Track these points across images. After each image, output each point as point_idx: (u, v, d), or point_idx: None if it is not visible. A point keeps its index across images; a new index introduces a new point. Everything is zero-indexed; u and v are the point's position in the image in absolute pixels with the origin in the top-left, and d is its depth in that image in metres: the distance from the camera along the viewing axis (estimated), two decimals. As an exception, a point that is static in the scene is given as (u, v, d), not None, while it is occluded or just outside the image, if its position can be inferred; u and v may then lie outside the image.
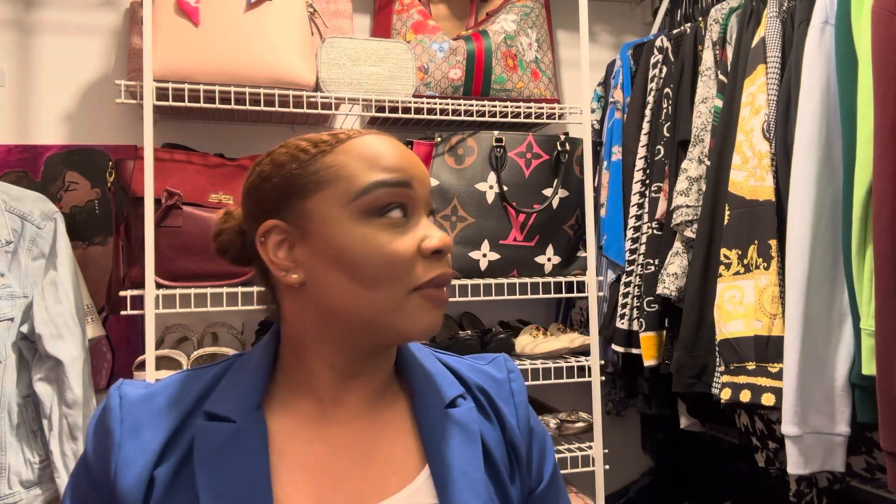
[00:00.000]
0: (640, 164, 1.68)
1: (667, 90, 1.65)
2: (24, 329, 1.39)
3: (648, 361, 1.56)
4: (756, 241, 1.30)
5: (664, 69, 1.68)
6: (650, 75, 1.71)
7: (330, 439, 0.62)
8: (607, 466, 1.63)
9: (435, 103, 1.66)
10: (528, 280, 1.67)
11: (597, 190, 1.80)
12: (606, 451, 1.63)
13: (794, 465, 1.19)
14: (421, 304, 0.59)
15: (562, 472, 1.22)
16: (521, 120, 1.72)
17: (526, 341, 1.70)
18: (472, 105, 1.67)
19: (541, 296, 1.69)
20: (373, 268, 0.58)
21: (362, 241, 0.58)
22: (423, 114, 1.71)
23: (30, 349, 1.41)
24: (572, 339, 1.67)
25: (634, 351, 1.61)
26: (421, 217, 0.62)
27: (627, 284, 1.67)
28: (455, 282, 1.63)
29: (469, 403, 0.68)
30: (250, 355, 0.66)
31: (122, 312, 1.39)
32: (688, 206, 1.49)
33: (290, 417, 0.63)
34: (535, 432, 0.73)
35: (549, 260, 1.70)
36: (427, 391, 0.67)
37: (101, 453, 0.60)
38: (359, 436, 0.63)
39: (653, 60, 1.71)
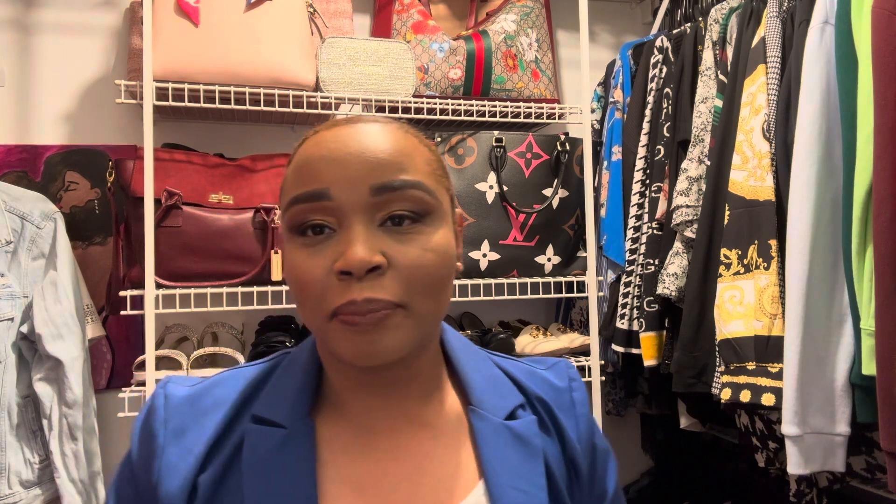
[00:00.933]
0: (640, 164, 1.68)
1: (667, 90, 1.65)
2: (24, 329, 1.39)
3: (648, 361, 1.55)
4: (756, 241, 1.30)
5: (664, 69, 1.68)
6: (650, 75, 1.71)
7: (378, 452, 0.58)
8: (607, 466, 1.62)
9: (435, 103, 1.66)
10: (528, 280, 1.67)
11: (597, 190, 1.80)
12: (606, 451, 1.63)
13: (794, 465, 1.19)
14: (340, 329, 0.52)
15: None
16: (521, 120, 1.72)
17: (526, 341, 1.70)
18: (472, 105, 1.67)
19: (541, 296, 1.69)
20: (292, 289, 0.54)
21: (287, 260, 0.55)
22: (423, 114, 1.71)
23: (30, 349, 1.41)
24: (572, 339, 1.67)
25: (634, 351, 1.61)
26: (353, 227, 0.52)
27: (627, 284, 1.67)
28: (455, 282, 1.63)
29: (530, 415, 0.62)
30: (297, 355, 0.62)
31: (122, 312, 1.39)
32: (688, 206, 1.49)
33: (337, 426, 0.59)
34: (598, 449, 0.66)
35: (549, 260, 1.70)
36: (483, 400, 0.61)
37: (144, 457, 0.58)
38: (408, 447, 0.59)
39: (653, 60, 1.71)
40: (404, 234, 0.53)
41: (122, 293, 1.39)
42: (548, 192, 1.70)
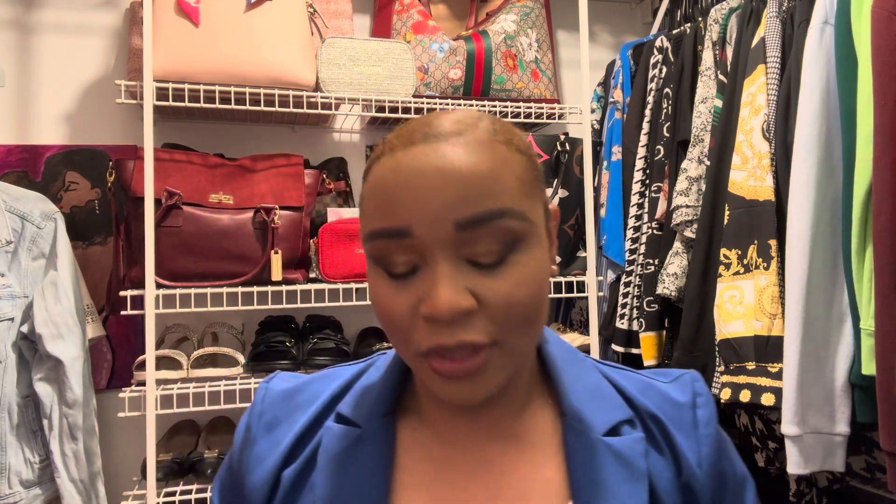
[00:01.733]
0: (639, 164, 1.68)
1: (667, 90, 1.65)
2: (25, 329, 1.39)
3: (648, 361, 1.56)
4: (756, 241, 1.30)
5: (664, 69, 1.68)
6: (650, 75, 1.71)
7: (458, 461, 0.55)
8: (607, 466, 1.62)
9: (435, 103, 1.66)
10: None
11: (597, 190, 1.80)
12: (606, 451, 1.63)
13: (794, 464, 1.19)
14: (431, 373, 0.49)
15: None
16: (521, 120, 1.72)
17: (526, 341, 1.70)
18: (472, 105, 1.67)
19: (541, 296, 1.68)
20: (379, 320, 0.51)
21: (371, 287, 0.51)
22: (423, 114, 1.71)
23: (30, 349, 1.41)
24: (572, 339, 1.67)
25: (634, 351, 1.61)
26: (437, 266, 0.47)
27: (627, 284, 1.67)
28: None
29: (636, 433, 0.55)
30: (389, 356, 0.60)
31: (122, 312, 1.39)
32: (688, 206, 1.49)
33: (418, 431, 0.57)
34: (726, 476, 0.58)
35: (549, 260, 1.70)
36: (581, 412, 0.55)
37: (239, 448, 0.59)
38: (493, 461, 0.55)
39: (653, 60, 1.71)
40: (493, 269, 0.48)
41: (122, 293, 1.39)
42: (548, 191, 1.70)
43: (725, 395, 1.30)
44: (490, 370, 0.48)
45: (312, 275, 1.59)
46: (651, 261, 1.59)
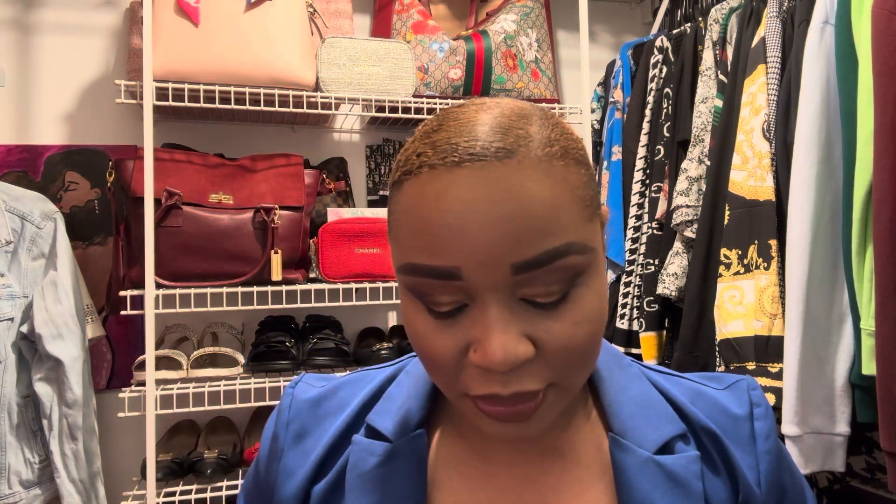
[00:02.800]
0: (640, 164, 1.68)
1: (667, 90, 1.65)
2: (24, 329, 1.39)
3: (648, 361, 1.55)
4: (756, 241, 1.30)
5: (664, 69, 1.68)
6: (650, 75, 1.71)
7: (498, 479, 0.51)
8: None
9: (435, 103, 1.66)
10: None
11: (597, 190, 1.80)
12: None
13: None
14: (476, 412, 0.44)
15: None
16: (521, 120, 1.72)
17: (526, 341, 1.70)
18: (472, 105, 1.67)
19: (541, 296, 1.68)
20: (418, 353, 0.46)
21: (408, 320, 0.46)
22: (423, 114, 1.71)
23: (30, 349, 1.41)
24: (572, 339, 1.67)
25: (634, 351, 1.61)
26: (487, 307, 0.41)
27: (627, 284, 1.67)
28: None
29: (691, 451, 0.50)
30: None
31: (122, 312, 1.39)
32: (688, 206, 1.49)
33: (455, 445, 0.53)
34: (786, 491, 0.53)
35: (549, 260, 1.70)
36: (629, 428, 0.50)
37: (268, 457, 0.57)
38: (535, 479, 0.50)
39: (653, 60, 1.71)
40: (552, 309, 0.42)
41: (122, 293, 1.39)
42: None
43: (725, 395, 1.30)
44: (544, 410, 0.44)
45: (312, 275, 1.59)
46: (651, 261, 1.59)
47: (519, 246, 0.40)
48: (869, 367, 1.08)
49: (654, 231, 1.61)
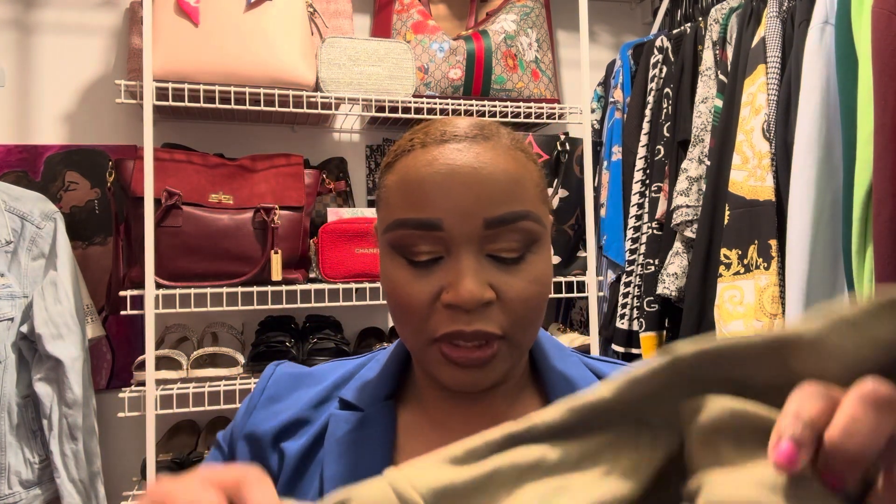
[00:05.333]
0: (640, 164, 1.67)
1: (667, 90, 1.65)
2: (24, 329, 1.39)
3: (648, 361, 1.55)
4: (756, 241, 1.30)
5: (664, 69, 1.68)
6: (650, 75, 1.71)
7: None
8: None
9: (435, 103, 1.66)
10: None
11: (597, 190, 1.80)
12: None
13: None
14: (440, 358, 0.52)
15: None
16: (521, 120, 1.72)
17: (526, 341, 1.70)
18: (472, 105, 1.67)
19: (541, 296, 1.68)
20: (392, 306, 0.54)
21: (387, 275, 0.54)
22: (423, 114, 1.71)
23: (30, 349, 1.41)
24: (572, 340, 1.67)
25: (634, 351, 1.61)
26: (461, 257, 0.51)
27: (627, 284, 1.67)
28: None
29: None
30: (391, 348, 0.64)
31: (122, 312, 1.39)
32: (688, 206, 1.49)
33: (416, 414, 0.60)
34: None
35: (549, 260, 1.70)
36: None
37: (240, 416, 0.63)
38: None
39: (653, 60, 1.71)
40: (512, 266, 0.52)
41: (122, 293, 1.39)
42: (548, 191, 1.69)
43: (726, 395, 1.30)
44: (497, 361, 0.52)
45: (312, 275, 1.59)
46: (651, 261, 1.59)
47: (491, 204, 0.51)
48: (869, 367, 1.07)
49: (654, 231, 1.61)
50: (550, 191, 1.70)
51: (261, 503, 0.32)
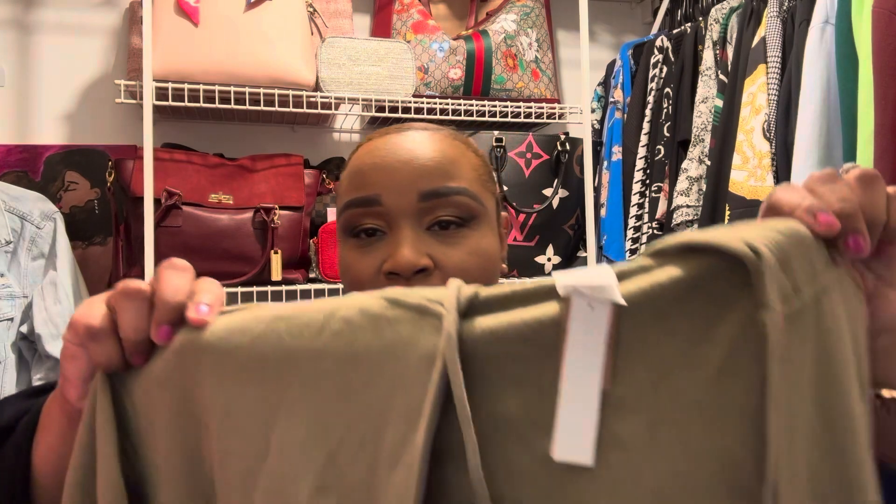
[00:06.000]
0: (640, 164, 1.67)
1: (667, 90, 1.65)
2: (24, 329, 1.39)
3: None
4: (756, 241, 1.30)
5: (664, 69, 1.68)
6: (650, 75, 1.71)
7: None
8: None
9: (435, 103, 1.66)
10: (528, 280, 1.67)
11: (597, 190, 1.80)
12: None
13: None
14: None
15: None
16: (521, 120, 1.72)
17: (526, 341, 1.70)
18: (472, 105, 1.67)
19: (541, 296, 1.68)
20: (345, 285, 0.58)
21: (341, 259, 0.59)
22: (423, 114, 1.71)
23: (29, 349, 1.41)
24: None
25: (635, 351, 1.61)
26: (400, 232, 0.55)
27: (628, 284, 1.66)
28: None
29: None
30: None
31: (122, 312, 1.39)
32: (688, 206, 1.49)
33: None
34: None
35: (549, 260, 1.70)
36: None
37: None
38: None
39: (653, 60, 1.71)
40: (450, 238, 0.56)
41: (121, 293, 1.39)
42: (548, 192, 1.70)
43: (726, 395, 1.30)
44: None
45: (312, 275, 1.59)
46: (651, 261, 1.59)
47: (425, 179, 0.56)
48: (869, 368, 1.07)
49: (655, 231, 1.61)
50: (550, 190, 1.70)
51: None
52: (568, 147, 1.71)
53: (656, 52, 1.70)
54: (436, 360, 0.35)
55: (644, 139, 1.68)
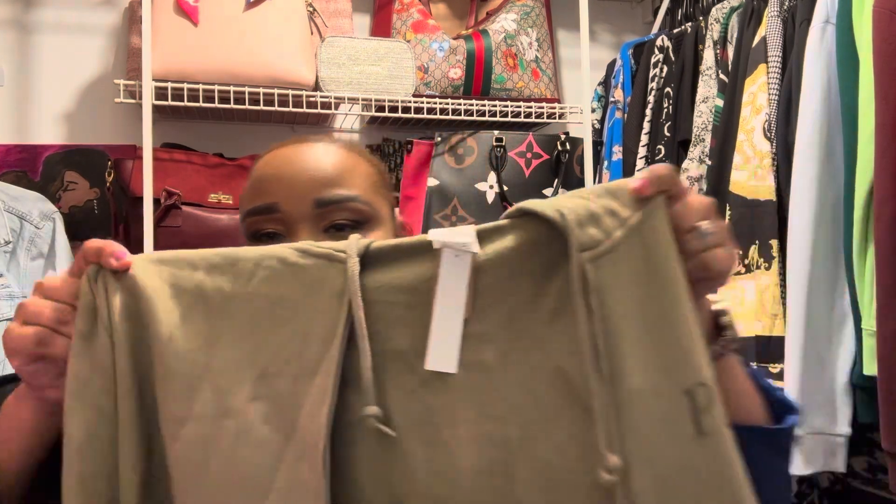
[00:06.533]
0: (640, 163, 1.67)
1: (667, 90, 1.64)
2: (23, 329, 1.39)
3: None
4: (757, 241, 1.30)
5: (665, 69, 1.68)
6: (651, 75, 1.70)
7: None
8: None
9: (435, 103, 1.65)
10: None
11: (597, 190, 1.79)
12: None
13: (796, 465, 1.19)
14: None
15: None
16: (522, 120, 1.72)
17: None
18: (472, 105, 1.67)
19: (541, 296, 1.68)
20: None
21: None
22: (423, 113, 1.70)
23: (29, 349, 1.41)
24: (572, 340, 1.67)
25: (635, 351, 1.61)
26: (298, 235, 0.60)
27: (628, 284, 1.66)
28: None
29: None
30: None
31: (122, 312, 1.38)
32: (688, 206, 1.49)
33: None
34: None
35: (549, 260, 1.70)
36: None
37: None
38: None
39: (653, 60, 1.70)
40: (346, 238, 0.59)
41: (121, 293, 1.39)
42: (548, 191, 1.69)
43: (726, 395, 1.30)
44: None
45: (312, 275, 1.59)
46: (652, 261, 1.59)
47: (321, 187, 0.61)
48: (870, 368, 1.07)
49: (655, 231, 1.61)
50: (550, 190, 1.69)
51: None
52: (568, 147, 1.71)
53: (657, 51, 1.70)
54: (343, 295, 0.46)
55: (644, 139, 1.68)
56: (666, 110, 1.63)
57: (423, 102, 1.65)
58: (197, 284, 0.48)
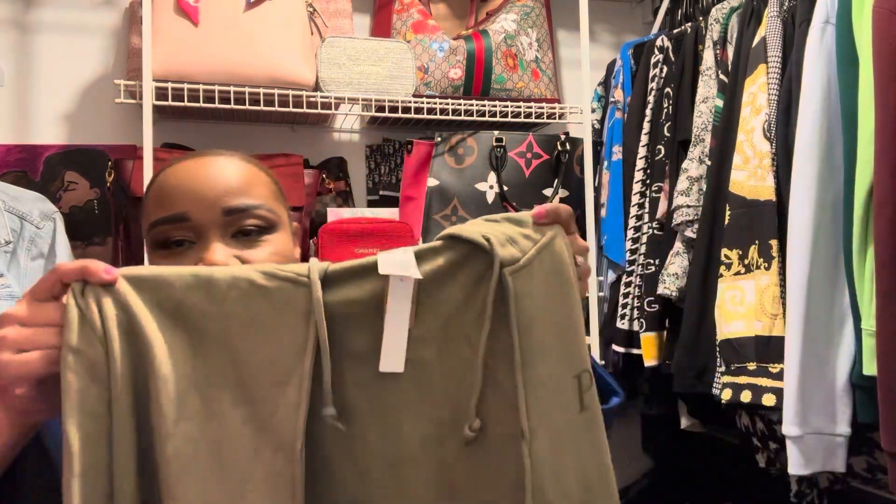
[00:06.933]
0: (640, 164, 1.67)
1: (667, 90, 1.64)
2: (24, 329, 1.39)
3: (649, 362, 1.55)
4: (757, 241, 1.30)
5: (665, 69, 1.68)
6: (651, 75, 1.70)
7: None
8: (608, 467, 1.62)
9: (435, 103, 1.65)
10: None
11: (597, 190, 1.80)
12: (607, 451, 1.62)
13: (795, 465, 1.19)
14: None
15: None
16: (522, 120, 1.72)
17: (526, 341, 1.69)
18: (472, 105, 1.67)
19: (541, 296, 1.68)
20: None
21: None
22: (423, 113, 1.70)
23: (29, 349, 1.41)
24: (572, 340, 1.67)
25: (635, 351, 1.61)
26: (209, 240, 0.64)
27: (628, 285, 1.66)
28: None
29: None
30: None
31: (122, 312, 1.38)
32: (688, 206, 1.49)
33: None
34: None
35: (549, 260, 1.70)
36: None
37: None
38: None
39: (653, 60, 1.70)
40: (253, 242, 0.67)
41: (121, 293, 1.39)
42: (548, 192, 1.69)
43: (726, 395, 1.30)
44: None
45: (312, 275, 1.59)
46: (652, 261, 1.59)
47: (228, 197, 0.66)
48: (870, 368, 1.07)
49: (655, 231, 1.61)
50: (550, 191, 1.69)
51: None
52: (568, 147, 1.71)
53: (657, 51, 1.70)
54: (310, 315, 0.54)
55: (644, 139, 1.68)
56: (666, 110, 1.63)
57: (423, 102, 1.65)
58: (177, 302, 0.53)
